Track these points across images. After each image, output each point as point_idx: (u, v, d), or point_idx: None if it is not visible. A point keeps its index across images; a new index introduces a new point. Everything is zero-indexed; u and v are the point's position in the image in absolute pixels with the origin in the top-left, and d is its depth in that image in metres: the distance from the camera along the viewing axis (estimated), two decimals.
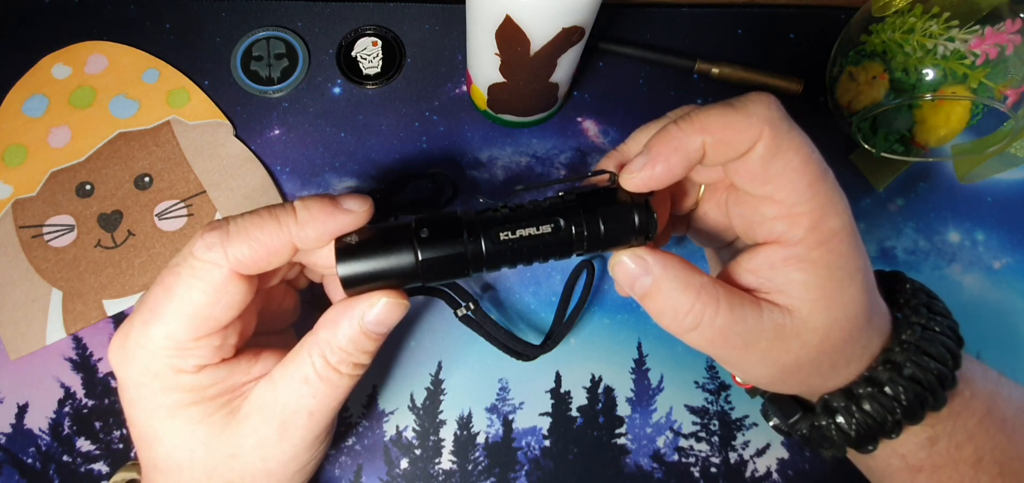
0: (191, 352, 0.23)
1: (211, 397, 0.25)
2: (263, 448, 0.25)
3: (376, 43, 0.44)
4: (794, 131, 0.23)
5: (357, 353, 0.25)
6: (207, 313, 0.23)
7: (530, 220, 0.24)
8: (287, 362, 0.25)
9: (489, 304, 0.39)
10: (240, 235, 0.23)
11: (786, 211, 0.23)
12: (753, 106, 0.23)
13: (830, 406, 0.27)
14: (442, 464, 0.36)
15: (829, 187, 0.23)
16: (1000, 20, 0.34)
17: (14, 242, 0.38)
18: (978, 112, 0.38)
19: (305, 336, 0.26)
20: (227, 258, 0.23)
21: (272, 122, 0.42)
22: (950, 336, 0.26)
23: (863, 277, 0.25)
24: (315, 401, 0.25)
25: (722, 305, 0.24)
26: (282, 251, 0.23)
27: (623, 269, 0.25)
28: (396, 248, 0.24)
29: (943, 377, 0.25)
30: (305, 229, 0.23)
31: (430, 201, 0.40)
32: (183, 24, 0.43)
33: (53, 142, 0.40)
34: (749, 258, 0.25)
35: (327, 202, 0.24)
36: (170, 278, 0.23)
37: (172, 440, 0.25)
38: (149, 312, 0.23)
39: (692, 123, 0.23)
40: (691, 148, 0.23)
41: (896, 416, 0.25)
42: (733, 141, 0.23)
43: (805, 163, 0.23)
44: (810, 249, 0.23)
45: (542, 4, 0.30)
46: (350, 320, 0.24)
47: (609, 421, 0.37)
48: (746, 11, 0.47)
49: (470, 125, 0.42)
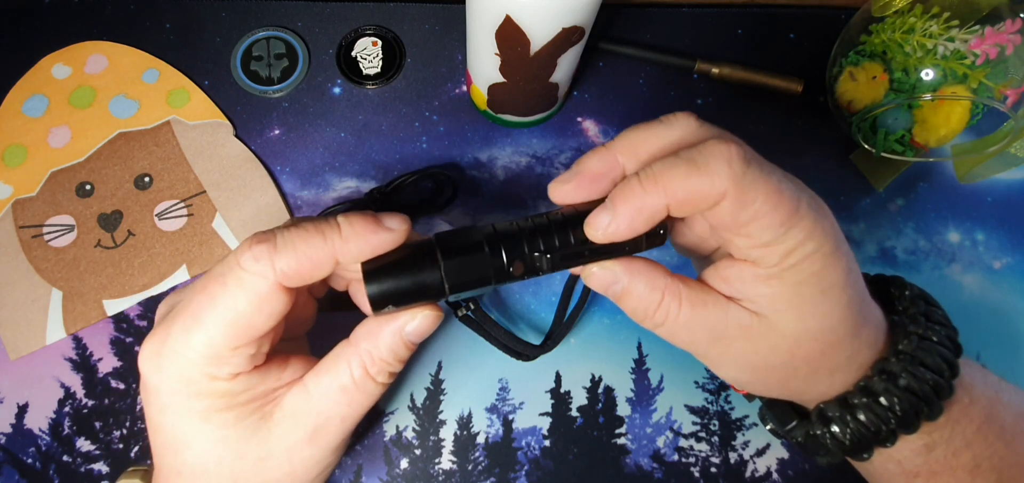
0: (228, 360, 0.24)
1: (244, 403, 0.25)
2: (292, 452, 0.26)
3: (376, 43, 0.44)
4: (759, 179, 0.23)
5: (394, 362, 0.26)
6: (249, 323, 0.23)
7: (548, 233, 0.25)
8: (321, 370, 0.26)
9: (489, 304, 0.39)
10: (287, 248, 0.23)
11: (759, 245, 0.24)
12: (715, 163, 0.23)
13: (825, 415, 0.27)
14: (442, 464, 0.36)
15: (803, 218, 0.23)
16: (1000, 20, 0.34)
17: (14, 242, 0.38)
18: (978, 112, 0.38)
19: (339, 346, 0.26)
20: (274, 270, 0.23)
21: (272, 122, 0.42)
22: (948, 346, 0.26)
23: (840, 292, 0.24)
24: (349, 408, 0.26)
25: (684, 302, 0.25)
26: (325, 265, 0.24)
27: (596, 279, 0.26)
28: (420, 268, 0.24)
29: (939, 388, 0.25)
30: (349, 245, 0.24)
31: (430, 201, 0.40)
32: (183, 24, 0.43)
33: (53, 142, 0.40)
34: (726, 267, 0.25)
35: (370, 219, 0.24)
36: (215, 286, 0.23)
37: (202, 444, 0.25)
38: (192, 319, 0.24)
39: (655, 183, 0.23)
40: (653, 208, 0.23)
41: (891, 426, 0.25)
42: (695, 201, 0.23)
43: (774, 209, 0.23)
44: (782, 270, 0.24)
45: (542, 4, 0.30)
46: (392, 331, 0.25)
47: (609, 421, 0.37)
48: (746, 11, 0.47)
49: (470, 125, 0.42)
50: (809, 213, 0.23)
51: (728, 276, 0.25)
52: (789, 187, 0.23)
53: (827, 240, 0.24)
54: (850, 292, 0.25)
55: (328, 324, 0.28)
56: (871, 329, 0.26)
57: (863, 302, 0.26)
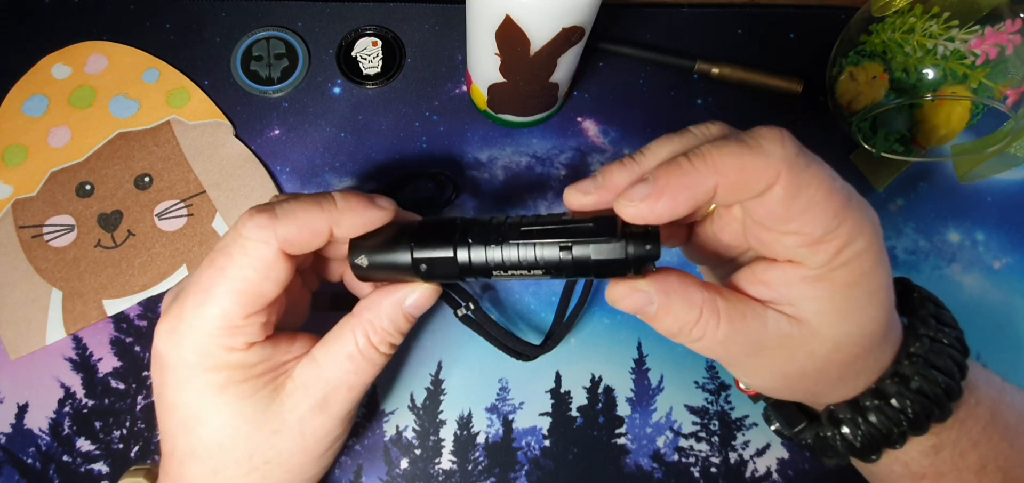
0: (242, 329, 0.25)
1: (259, 374, 0.26)
2: (303, 422, 0.27)
3: (376, 43, 0.44)
4: (813, 164, 0.22)
5: (395, 333, 0.28)
6: (258, 289, 0.25)
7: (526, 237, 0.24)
8: (329, 341, 0.28)
9: (489, 304, 0.39)
10: (287, 216, 0.25)
11: (810, 241, 0.22)
12: (768, 144, 0.21)
13: (836, 417, 0.27)
14: (442, 464, 0.36)
15: (855, 211, 0.22)
16: (1000, 20, 0.34)
17: (14, 242, 0.38)
18: (978, 112, 0.38)
19: (344, 319, 0.28)
20: (276, 236, 0.24)
21: (272, 122, 0.42)
22: (957, 347, 0.26)
23: (884, 295, 0.24)
24: (356, 376, 0.27)
25: (723, 317, 0.23)
26: (322, 233, 0.25)
27: (627, 302, 0.24)
28: (398, 250, 0.26)
29: (950, 390, 0.25)
30: (343, 216, 0.25)
31: (430, 201, 0.40)
32: (183, 24, 0.43)
33: (53, 142, 0.40)
34: (764, 269, 0.24)
35: (362, 196, 0.26)
36: (222, 259, 0.25)
37: (218, 418, 0.26)
38: (203, 292, 0.25)
39: (705, 161, 0.22)
40: (702, 189, 0.22)
41: (901, 428, 0.25)
42: (748, 184, 0.22)
43: (828, 196, 0.21)
44: (831, 270, 0.22)
45: (542, 4, 0.30)
46: (392, 303, 0.27)
47: (609, 421, 0.37)
48: (746, 11, 0.47)
49: (470, 125, 0.42)
50: (859, 207, 0.22)
51: (769, 279, 0.24)
52: (838, 178, 0.22)
53: (877, 237, 0.23)
54: (891, 295, 0.24)
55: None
56: (895, 332, 0.26)
57: (893, 306, 0.25)
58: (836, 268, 0.22)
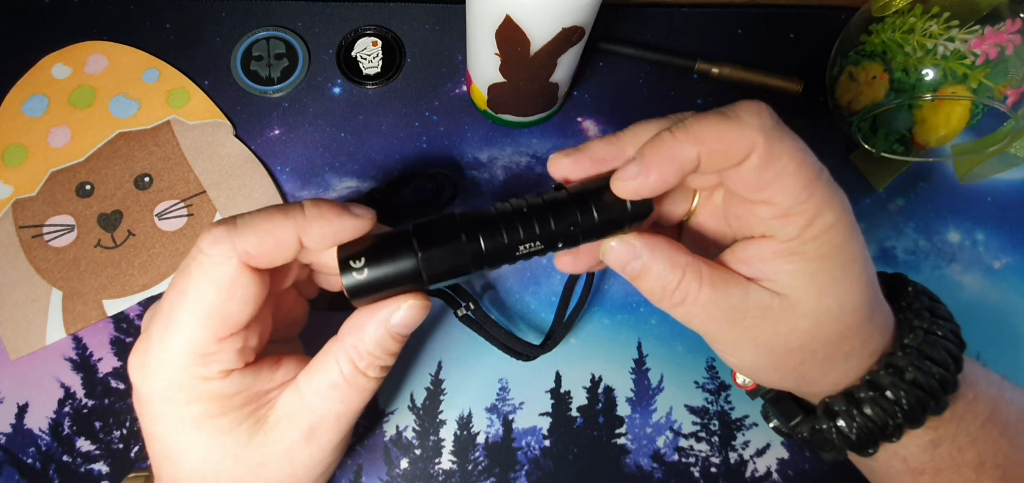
0: (214, 357, 0.23)
1: (238, 406, 0.25)
2: (291, 453, 0.26)
3: (376, 43, 0.44)
4: (787, 137, 0.23)
5: (383, 356, 0.26)
6: (223, 311, 0.23)
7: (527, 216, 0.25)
8: (312, 369, 0.26)
9: (489, 304, 0.39)
10: (247, 228, 0.23)
11: (781, 212, 0.24)
12: (746, 115, 0.23)
13: (831, 409, 0.27)
14: (442, 464, 0.36)
15: (824, 186, 0.24)
16: (1000, 20, 0.34)
17: (14, 242, 0.38)
18: (978, 112, 0.38)
19: (329, 343, 0.26)
20: (235, 250, 0.23)
21: (272, 122, 0.42)
22: (952, 340, 0.26)
23: (861, 269, 0.25)
24: (342, 405, 0.26)
25: (705, 281, 0.25)
26: (289, 244, 0.24)
27: (614, 255, 0.26)
28: (397, 255, 0.24)
29: (945, 381, 0.25)
30: (312, 224, 0.24)
31: (430, 201, 0.40)
32: (183, 24, 0.43)
33: (53, 142, 0.40)
34: (742, 248, 0.25)
35: (336, 204, 0.24)
36: (182, 281, 0.23)
37: (198, 452, 0.24)
38: (167, 321, 0.23)
39: (687, 133, 0.23)
40: (686, 158, 0.23)
41: (897, 420, 0.25)
42: (727, 152, 0.23)
43: (799, 168, 0.23)
44: (802, 243, 0.24)
45: (542, 4, 0.30)
46: (376, 324, 0.25)
47: (609, 421, 0.37)
48: (746, 11, 0.47)
49: (470, 125, 0.42)
50: (829, 183, 0.24)
51: (747, 256, 0.25)
52: (812, 155, 0.24)
53: (846, 213, 0.24)
54: (869, 271, 0.25)
55: (328, 324, 0.28)
56: (883, 316, 0.26)
57: (877, 286, 0.26)
58: (807, 241, 0.24)
